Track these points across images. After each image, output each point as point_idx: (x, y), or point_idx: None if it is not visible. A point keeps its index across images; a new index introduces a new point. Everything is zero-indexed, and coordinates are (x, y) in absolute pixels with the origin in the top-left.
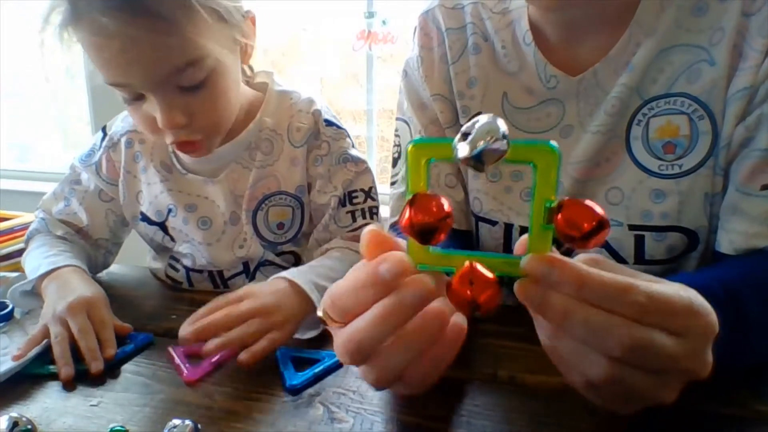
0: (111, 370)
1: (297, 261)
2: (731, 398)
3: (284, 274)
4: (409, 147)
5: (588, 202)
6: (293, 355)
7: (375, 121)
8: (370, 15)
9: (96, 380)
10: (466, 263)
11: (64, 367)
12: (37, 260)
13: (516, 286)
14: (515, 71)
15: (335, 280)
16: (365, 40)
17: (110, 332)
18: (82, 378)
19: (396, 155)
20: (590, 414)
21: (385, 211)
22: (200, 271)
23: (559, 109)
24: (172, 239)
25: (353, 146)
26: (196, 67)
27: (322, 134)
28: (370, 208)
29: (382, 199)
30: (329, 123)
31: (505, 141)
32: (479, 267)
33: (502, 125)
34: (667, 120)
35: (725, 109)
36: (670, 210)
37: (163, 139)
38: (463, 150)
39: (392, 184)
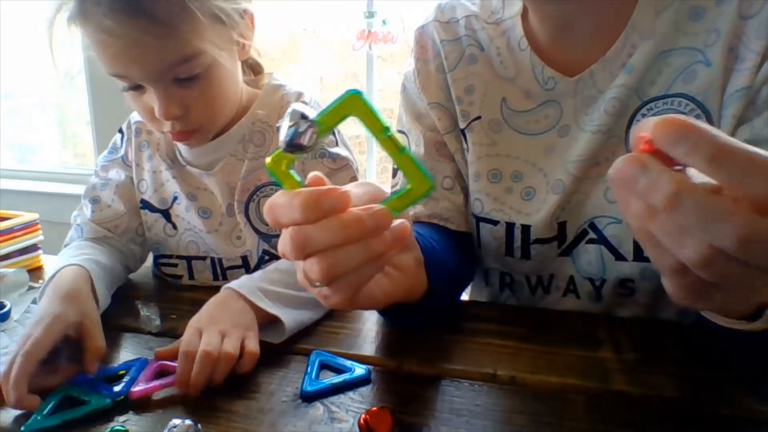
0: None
1: None
2: (731, 398)
3: (233, 284)
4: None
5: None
6: (324, 360)
7: None
8: (370, 15)
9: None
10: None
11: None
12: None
13: (621, 160)
14: (512, 76)
15: (289, 284)
16: (365, 40)
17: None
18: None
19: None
20: (590, 414)
21: None
22: (203, 258)
23: (556, 110)
24: (174, 227)
25: (338, 144)
26: (192, 62)
27: None
28: None
29: None
30: None
31: (305, 121)
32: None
33: (300, 108)
34: None
35: (722, 109)
36: None
37: (160, 128)
38: (281, 145)
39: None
